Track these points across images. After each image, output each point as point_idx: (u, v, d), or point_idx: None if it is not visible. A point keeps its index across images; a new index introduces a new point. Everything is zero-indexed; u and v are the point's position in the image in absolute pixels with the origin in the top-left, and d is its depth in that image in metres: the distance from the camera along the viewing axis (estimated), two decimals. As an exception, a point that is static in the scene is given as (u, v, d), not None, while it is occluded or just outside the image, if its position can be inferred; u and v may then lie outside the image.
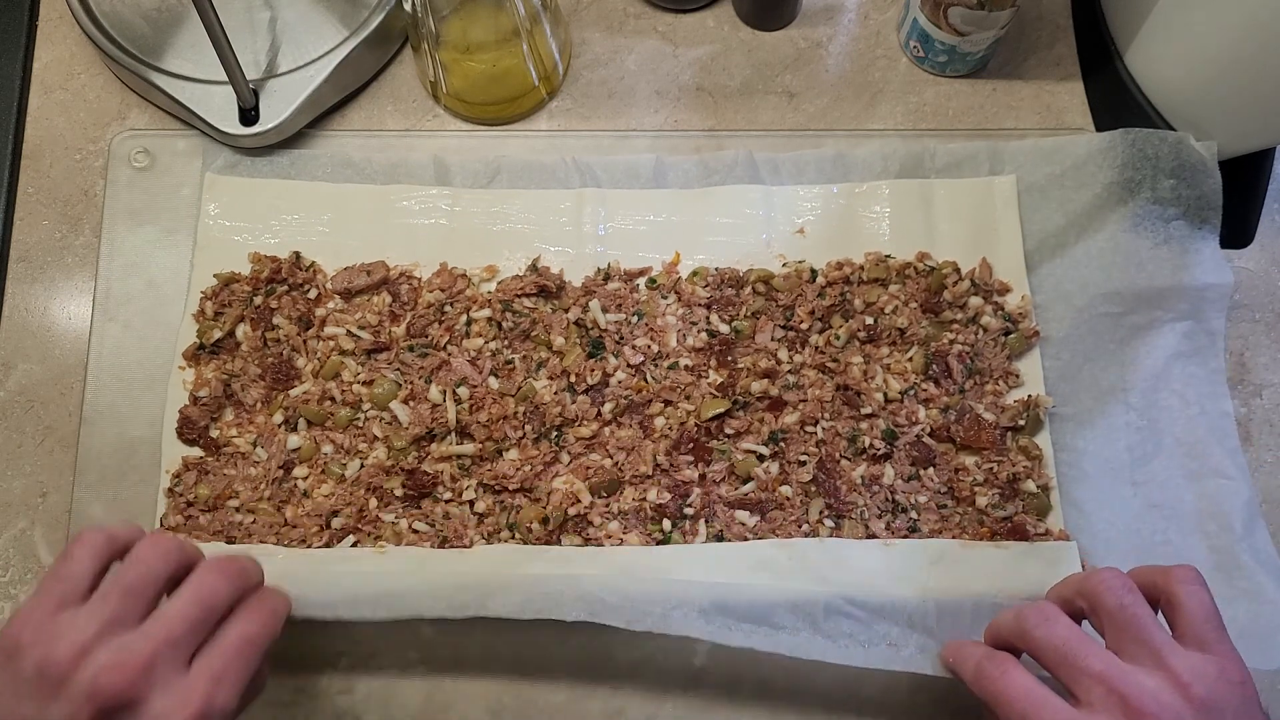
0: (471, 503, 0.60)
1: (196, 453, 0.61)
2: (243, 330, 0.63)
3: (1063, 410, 0.62)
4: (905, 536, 0.59)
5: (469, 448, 0.60)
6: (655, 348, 0.62)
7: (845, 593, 0.55)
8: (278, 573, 0.57)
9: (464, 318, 0.63)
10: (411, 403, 0.61)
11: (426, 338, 0.63)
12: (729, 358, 0.62)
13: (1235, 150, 0.63)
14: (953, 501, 0.60)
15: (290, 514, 0.60)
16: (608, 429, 0.61)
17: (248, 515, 0.60)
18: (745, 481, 0.60)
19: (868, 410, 0.61)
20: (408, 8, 0.62)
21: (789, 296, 0.63)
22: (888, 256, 0.64)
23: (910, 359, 0.62)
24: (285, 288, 0.64)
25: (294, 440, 0.61)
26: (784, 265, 0.65)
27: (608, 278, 0.64)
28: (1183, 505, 0.60)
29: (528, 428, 0.61)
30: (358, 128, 0.69)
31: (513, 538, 0.59)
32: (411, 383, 0.62)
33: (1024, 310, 0.63)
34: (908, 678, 0.55)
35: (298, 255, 0.65)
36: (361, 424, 0.62)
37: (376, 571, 0.57)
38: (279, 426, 0.61)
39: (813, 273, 0.64)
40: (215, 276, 0.64)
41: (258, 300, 0.63)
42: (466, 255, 0.65)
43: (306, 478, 0.61)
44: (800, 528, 0.59)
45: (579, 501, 0.59)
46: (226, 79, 0.64)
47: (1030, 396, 0.61)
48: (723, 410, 0.60)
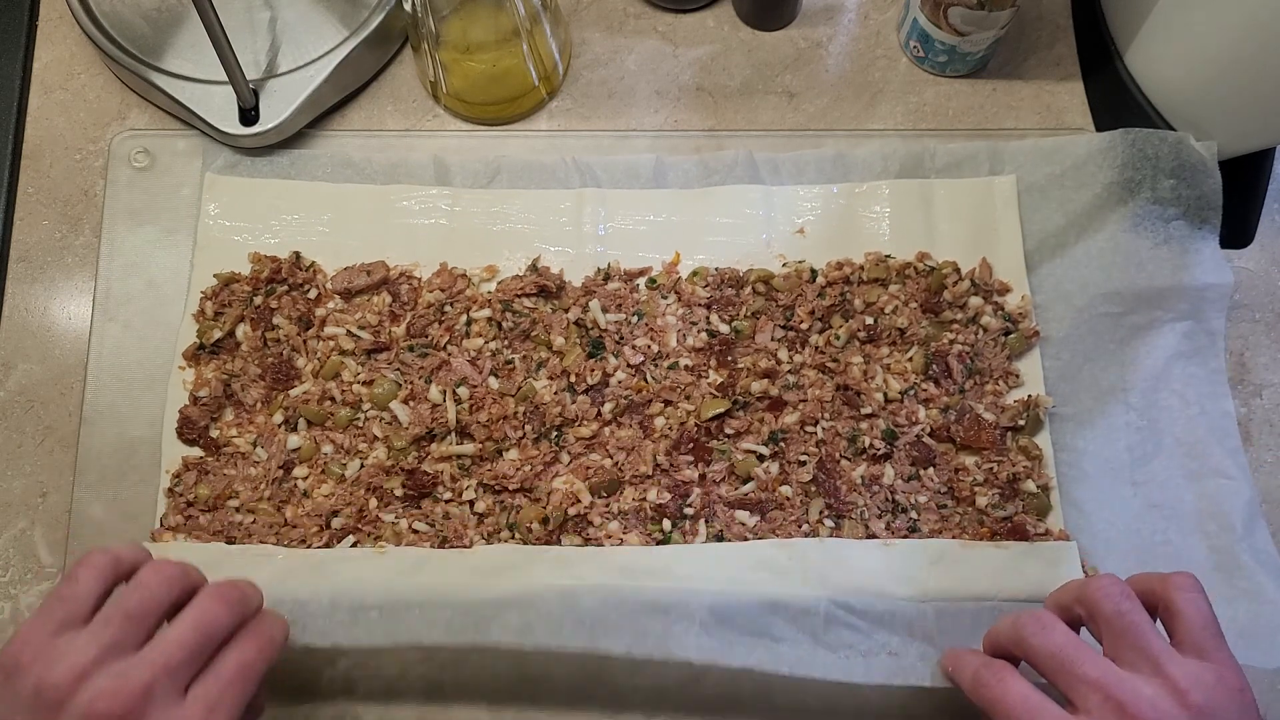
0: (471, 503, 0.60)
1: (196, 453, 0.61)
2: (243, 330, 0.63)
3: (1063, 410, 0.62)
4: (905, 536, 0.59)
5: (469, 448, 0.60)
6: (655, 348, 0.62)
7: (845, 600, 0.55)
8: (278, 573, 0.57)
9: (464, 318, 0.63)
10: (411, 403, 0.61)
11: (426, 338, 0.63)
12: (729, 358, 0.62)
13: (1235, 150, 0.63)
14: (953, 501, 0.60)
15: (290, 514, 0.60)
16: (608, 429, 0.61)
17: (248, 515, 0.60)
18: (745, 481, 0.60)
19: (868, 410, 0.61)
20: (408, 8, 0.62)
21: (789, 296, 0.63)
22: (888, 256, 0.64)
23: (910, 359, 0.62)
24: (285, 288, 0.64)
25: (294, 440, 0.61)
26: (784, 265, 0.65)
27: (608, 278, 0.64)
28: (1183, 505, 0.60)
29: (528, 428, 0.61)
30: (358, 128, 0.69)
31: (513, 538, 0.59)
32: (411, 383, 0.62)
33: (1024, 310, 0.63)
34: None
35: (298, 255, 0.65)
36: (361, 424, 0.62)
37: (375, 576, 0.57)
38: (279, 426, 0.61)
39: (813, 273, 0.64)
40: (215, 276, 0.64)
41: (258, 300, 0.63)
42: (466, 255, 0.65)
43: (306, 478, 0.61)
44: (800, 528, 0.59)
45: (579, 501, 0.59)
46: (226, 79, 0.64)
47: (1030, 396, 0.61)
48: (723, 410, 0.60)
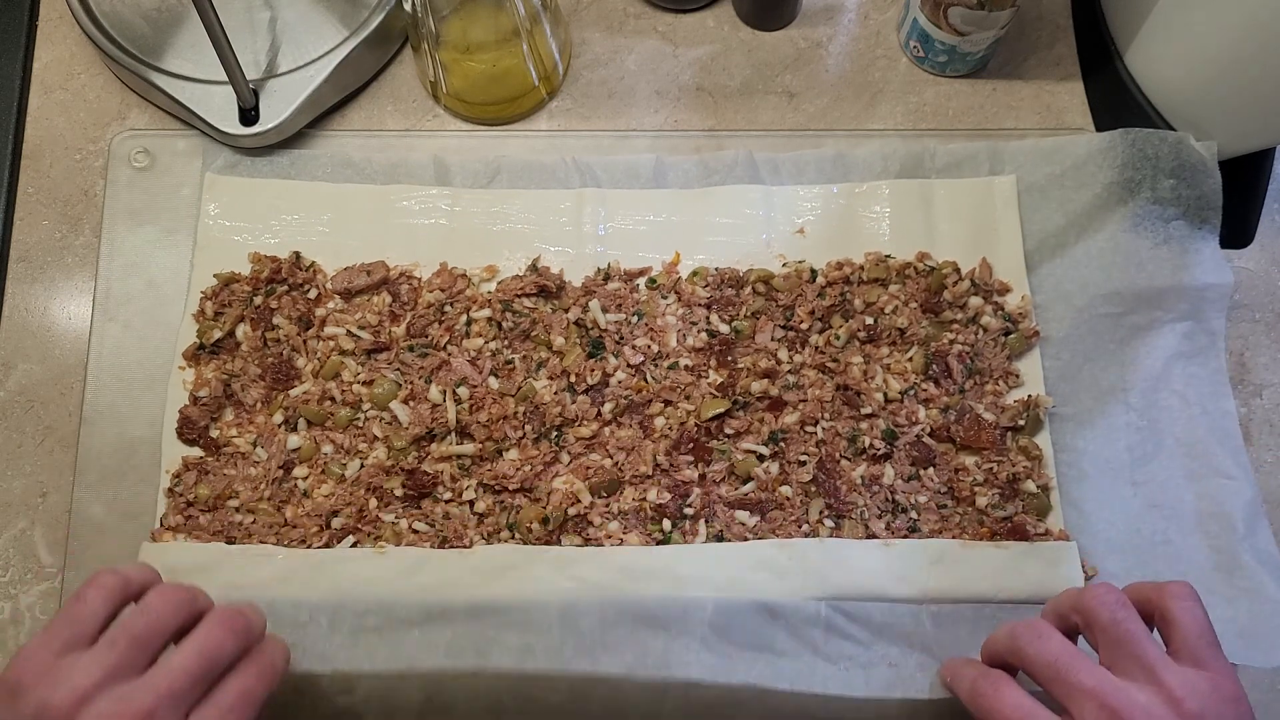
0: (471, 503, 0.60)
1: (196, 453, 0.61)
2: (243, 330, 0.63)
3: (1063, 410, 0.62)
4: (905, 536, 0.59)
5: (469, 448, 0.60)
6: (655, 348, 0.62)
7: (845, 606, 0.56)
8: (278, 573, 0.57)
9: (464, 318, 0.63)
10: (411, 403, 0.61)
11: (426, 338, 0.63)
12: (729, 358, 0.62)
13: (1235, 150, 0.63)
14: (953, 501, 0.60)
15: (290, 514, 0.60)
16: (608, 429, 0.61)
17: (248, 515, 0.60)
18: (745, 481, 0.60)
19: (868, 410, 0.61)
20: (408, 8, 0.62)
21: (789, 296, 0.63)
22: (888, 256, 0.64)
23: (910, 359, 0.62)
24: (285, 288, 0.64)
25: (294, 440, 0.61)
26: (784, 265, 0.65)
27: (608, 278, 0.64)
28: (1183, 505, 0.60)
29: (528, 428, 0.61)
30: (358, 128, 0.69)
31: (513, 538, 0.59)
32: (411, 383, 0.62)
33: (1024, 310, 0.63)
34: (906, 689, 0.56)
35: (298, 255, 0.65)
36: (361, 424, 0.62)
37: (375, 576, 0.57)
38: (279, 426, 0.61)
39: (813, 273, 0.64)
40: (215, 276, 0.64)
41: (258, 300, 0.63)
42: (466, 255, 0.65)
43: (306, 478, 0.61)
44: (800, 528, 0.59)
45: (579, 501, 0.59)
46: (226, 79, 0.64)
47: (1030, 396, 0.61)
48: (723, 410, 0.60)
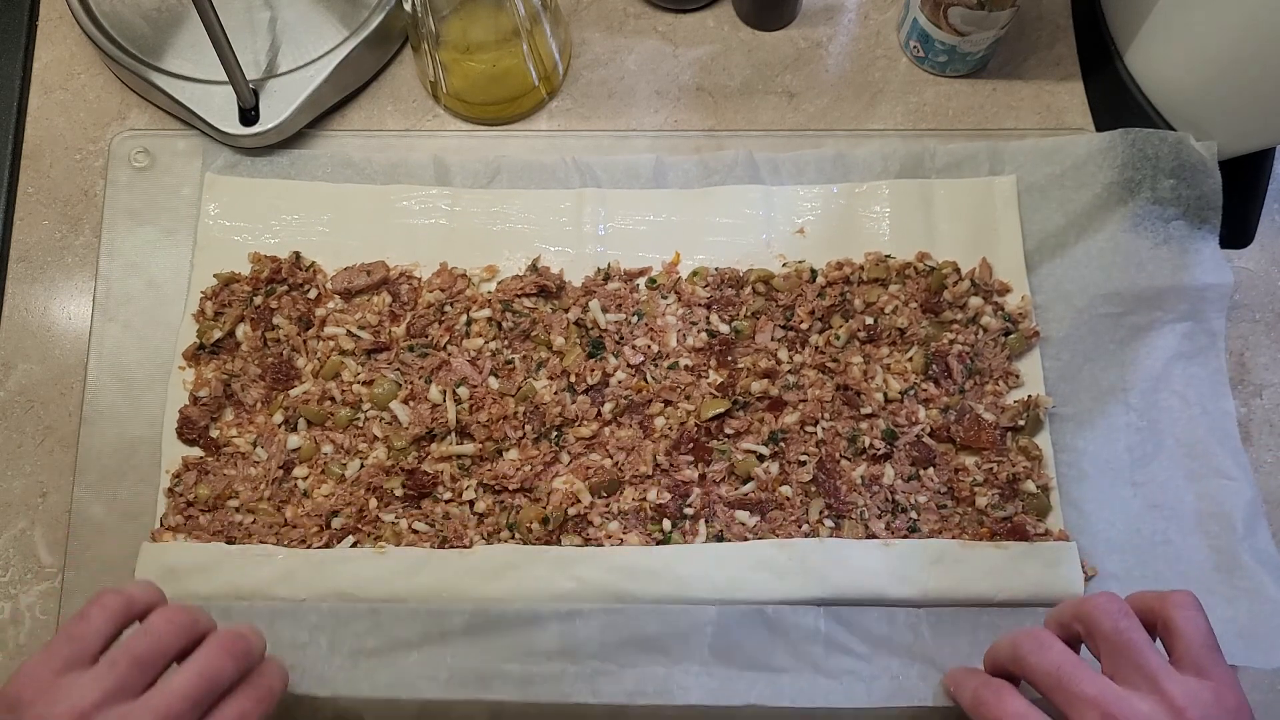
0: (471, 503, 0.60)
1: (196, 453, 0.61)
2: (243, 330, 0.63)
3: (1063, 410, 0.62)
4: (905, 537, 0.59)
5: (469, 448, 0.60)
6: (655, 348, 0.62)
7: (845, 618, 0.56)
8: (278, 573, 0.57)
9: (464, 318, 0.63)
10: (411, 403, 0.61)
11: (426, 338, 0.63)
12: (729, 358, 0.62)
13: (1235, 150, 0.63)
14: (952, 502, 0.60)
15: (290, 514, 0.60)
16: (608, 429, 0.61)
17: (248, 515, 0.60)
18: (745, 481, 0.60)
19: (868, 410, 0.61)
20: (408, 8, 0.62)
21: (789, 296, 0.63)
22: (888, 256, 0.64)
23: (910, 359, 0.62)
24: (285, 288, 0.64)
25: (294, 440, 0.61)
26: (784, 265, 0.65)
27: (608, 278, 0.64)
28: (1183, 505, 0.60)
29: (528, 428, 0.61)
30: (358, 128, 0.69)
31: (513, 538, 0.59)
32: (411, 383, 0.62)
33: (1024, 310, 0.63)
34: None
35: (298, 255, 0.65)
36: (361, 424, 0.62)
37: (375, 576, 0.57)
38: (279, 426, 0.61)
39: (813, 273, 0.64)
40: (215, 276, 0.64)
41: (258, 300, 0.63)
42: (466, 255, 0.65)
43: (306, 478, 0.61)
44: (800, 528, 0.59)
45: (579, 501, 0.59)
46: (226, 79, 0.64)
47: (1030, 397, 0.61)
48: (723, 410, 0.60)
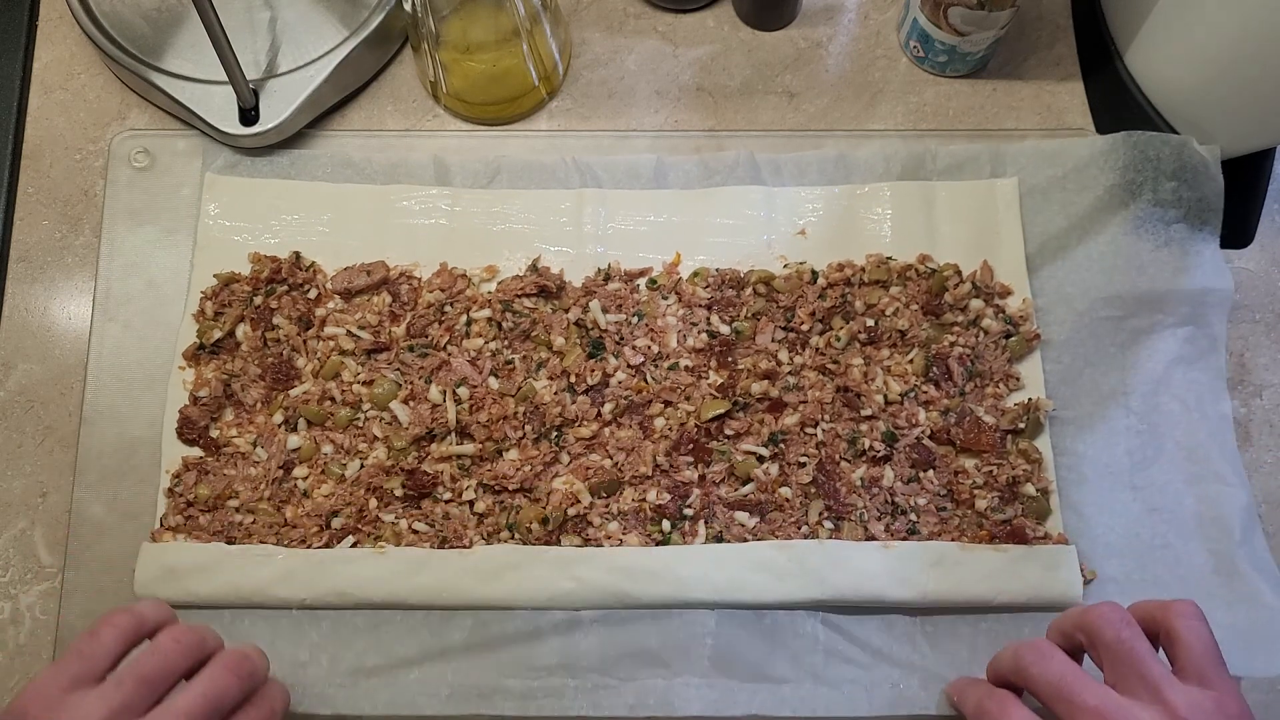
0: (471, 503, 0.60)
1: (196, 453, 0.61)
2: (243, 330, 0.63)
3: (1063, 414, 0.62)
4: (904, 539, 0.59)
5: (469, 448, 0.60)
6: (655, 348, 0.62)
7: (844, 627, 0.57)
8: (278, 573, 0.58)
9: (464, 318, 0.63)
10: (411, 403, 0.61)
11: (426, 338, 0.63)
12: (729, 359, 0.62)
13: (1236, 151, 0.63)
14: (952, 504, 0.60)
15: (290, 514, 0.60)
16: (608, 429, 0.61)
17: (248, 515, 0.60)
18: (745, 483, 0.60)
19: (868, 412, 0.61)
20: (408, 8, 0.62)
21: (790, 298, 0.63)
22: (889, 258, 0.64)
23: (911, 361, 0.62)
24: (285, 288, 0.64)
25: (294, 440, 0.61)
26: (785, 266, 0.65)
27: (608, 278, 0.64)
28: (1183, 509, 0.60)
29: (528, 428, 0.61)
30: (358, 128, 0.69)
31: (512, 538, 0.59)
32: (411, 383, 0.62)
33: (1025, 313, 0.63)
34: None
35: (298, 255, 0.65)
36: (361, 424, 0.62)
37: (375, 576, 0.57)
38: (279, 426, 0.61)
39: (814, 274, 0.64)
40: (215, 276, 0.64)
41: (258, 300, 0.63)
42: (466, 255, 0.65)
43: (306, 478, 0.61)
44: (800, 529, 0.59)
45: (579, 502, 0.59)
46: (226, 79, 0.64)
47: (1030, 400, 0.61)
48: (723, 411, 0.60)
